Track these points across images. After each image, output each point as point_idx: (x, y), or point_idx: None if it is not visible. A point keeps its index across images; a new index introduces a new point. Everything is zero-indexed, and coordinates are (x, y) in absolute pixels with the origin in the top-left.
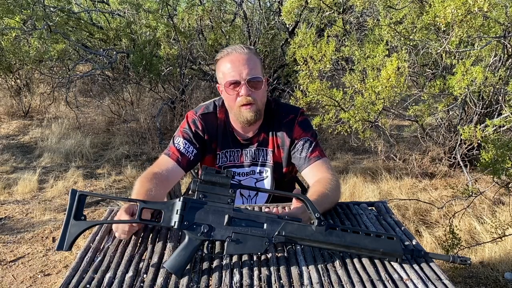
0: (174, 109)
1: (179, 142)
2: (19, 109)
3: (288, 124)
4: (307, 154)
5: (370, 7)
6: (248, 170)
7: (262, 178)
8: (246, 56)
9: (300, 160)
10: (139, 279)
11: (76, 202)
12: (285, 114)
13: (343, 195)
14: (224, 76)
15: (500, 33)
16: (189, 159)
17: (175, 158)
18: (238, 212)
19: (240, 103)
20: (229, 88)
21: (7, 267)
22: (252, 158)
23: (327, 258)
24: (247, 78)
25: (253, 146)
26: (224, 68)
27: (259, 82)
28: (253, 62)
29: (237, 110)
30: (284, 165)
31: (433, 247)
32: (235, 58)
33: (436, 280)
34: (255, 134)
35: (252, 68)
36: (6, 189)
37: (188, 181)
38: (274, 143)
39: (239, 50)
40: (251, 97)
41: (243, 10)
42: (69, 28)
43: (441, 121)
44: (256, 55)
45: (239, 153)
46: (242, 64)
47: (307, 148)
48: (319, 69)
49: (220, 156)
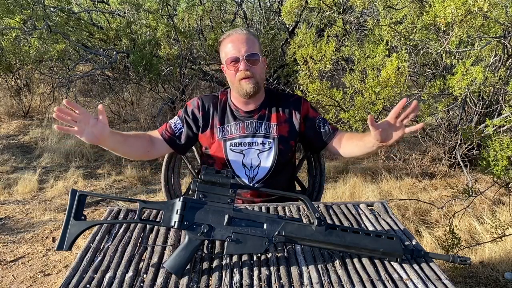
0: (174, 109)
1: (172, 120)
2: (19, 109)
3: (294, 102)
4: (330, 127)
5: (370, 7)
6: (250, 141)
7: (265, 150)
8: (245, 36)
9: (324, 133)
10: (139, 279)
11: (76, 202)
12: (290, 95)
13: (343, 195)
14: (225, 55)
15: (500, 33)
16: (174, 134)
17: (160, 130)
18: (238, 212)
19: (240, 77)
20: (230, 65)
21: (7, 267)
22: (254, 129)
23: (327, 258)
24: (245, 55)
25: (253, 118)
26: (225, 47)
27: (257, 59)
28: (251, 41)
29: (237, 84)
30: (290, 138)
31: (433, 247)
32: (235, 38)
33: (436, 280)
34: (255, 108)
35: (250, 46)
36: (6, 189)
37: (188, 181)
38: (278, 118)
39: (239, 31)
40: (250, 72)
41: (243, 10)
42: (69, 28)
43: (441, 121)
44: (254, 36)
45: (240, 124)
46: (241, 43)
47: (324, 124)
48: (319, 69)
49: (220, 129)
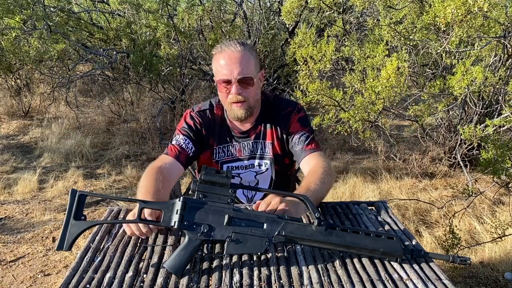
0: (174, 109)
1: (178, 139)
2: (19, 109)
3: (285, 116)
4: (303, 147)
5: (370, 7)
6: (247, 164)
7: (262, 171)
8: (239, 54)
9: (297, 152)
10: (139, 279)
11: (76, 202)
12: (284, 107)
13: (343, 195)
14: (217, 73)
15: (500, 33)
16: (188, 154)
17: (173, 154)
18: (238, 212)
19: (231, 101)
20: (221, 85)
21: (7, 267)
22: (250, 151)
23: (327, 258)
24: (238, 77)
25: (250, 139)
26: (217, 64)
27: (250, 81)
28: (246, 60)
29: (228, 106)
30: (284, 155)
31: (433, 247)
32: (228, 56)
33: (436, 280)
34: (252, 127)
35: (244, 67)
36: (6, 189)
37: (188, 181)
38: (273, 135)
39: (233, 48)
40: (242, 96)
41: (243, 10)
42: (69, 28)
43: (441, 121)
44: (250, 51)
45: (236, 147)
46: (234, 63)
47: (303, 141)
48: (319, 69)
49: (217, 151)
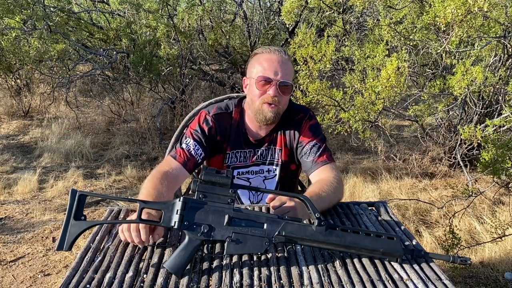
0: (174, 109)
1: (188, 143)
2: (19, 109)
3: (296, 123)
4: (314, 158)
5: (370, 7)
6: (257, 169)
7: (271, 177)
8: (286, 61)
9: (307, 164)
10: (139, 279)
11: (76, 202)
12: (294, 113)
13: (343, 195)
14: (258, 71)
15: (500, 33)
16: (197, 161)
17: (181, 160)
18: (238, 212)
19: (265, 100)
20: (260, 83)
21: (7, 267)
22: (262, 157)
23: (327, 258)
24: (280, 81)
25: (264, 145)
26: (260, 62)
27: (288, 88)
28: (289, 69)
29: (259, 105)
30: (291, 161)
31: (433, 247)
32: (275, 58)
33: (436, 280)
34: (267, 134)
35: (286, 74)
36: (6, 189)
37: (188, 181)
38: (281, 141)
39: (281, 53)
40: (277, 99)
41: (243, 10)
42: (69, 28)
43: (441, 121)
44: (292, 64)
45: (251, 153)
46: (280, 66)
47: (314, 152)
48: (319, 69)
49: (229, 155)
